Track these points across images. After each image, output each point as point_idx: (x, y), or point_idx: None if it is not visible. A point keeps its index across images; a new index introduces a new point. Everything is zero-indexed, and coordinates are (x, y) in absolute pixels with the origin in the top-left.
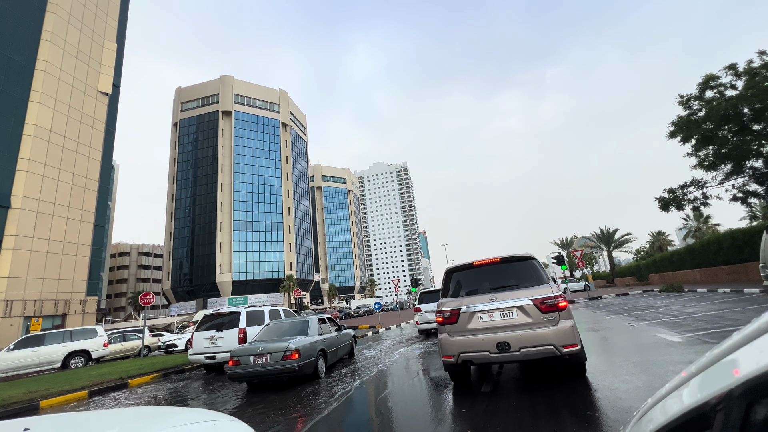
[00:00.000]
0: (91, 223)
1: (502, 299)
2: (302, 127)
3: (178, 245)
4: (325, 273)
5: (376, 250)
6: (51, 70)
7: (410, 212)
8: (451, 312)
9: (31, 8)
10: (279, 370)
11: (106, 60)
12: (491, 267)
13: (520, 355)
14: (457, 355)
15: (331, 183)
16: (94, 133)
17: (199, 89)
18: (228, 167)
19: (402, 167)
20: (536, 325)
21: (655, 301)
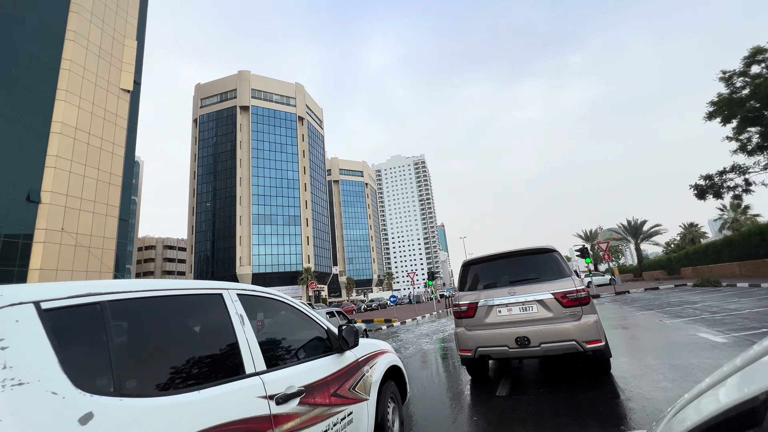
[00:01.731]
0: (116, 217)
1: (522, 293)
2: (319, 120)
3: (200, 239)
4: (342, 266)
5: (394, 243)
6: (75, 68)
7: (428, 205)
8: (468, 305)
9: (56, 9)
10: None
11: (127, 57)
12: (510, 260)
13: (540, 351)
14: (474, 350)
15: (348, 176)
16: (117, 129)
17: (217, 85)
18: (246, 162)
19: (419, 160)
20: (557, 319)
21: (690, 297)
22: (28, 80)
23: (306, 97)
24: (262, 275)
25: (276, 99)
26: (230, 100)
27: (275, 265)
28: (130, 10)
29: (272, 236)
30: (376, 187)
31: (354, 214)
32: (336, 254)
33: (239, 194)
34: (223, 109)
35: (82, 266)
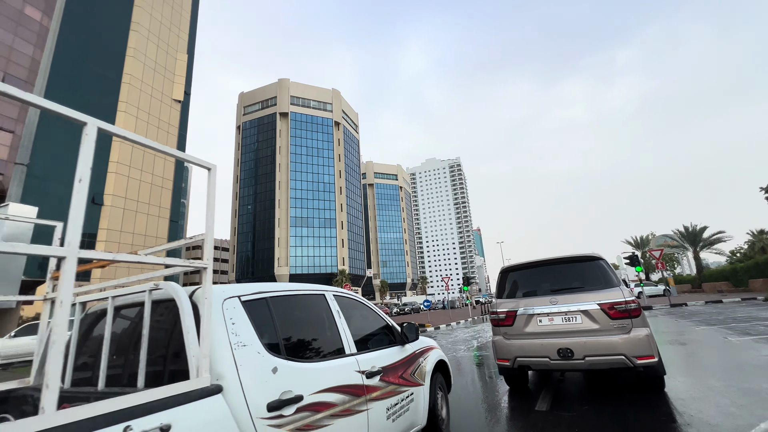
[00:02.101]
0: (167, 218)
1: (564, 302)
2: (354, 125)
3: (241, 240)
4: (376, 269)
5: (428, 247)
6: (134, 82)
7: (464, 209)
8: (507, 314)
9: (119, 28)
10: None
11: (179, 70)
12: (552, 267)
13: (584, 364)
14: (513, 360)
15: (383, 180)
16: (168, 137)
17: (259, 93)
18: (285, 166)
19: (455, 162)
20: (604, 332)
21: (761, 312)
22: (96, 94)
23: (342, 103)
24: (299, 276)
25: (313, 105)
26: (270, 107)
27: (311, 266)
28: (182, 26)
29: (309, 238)
30: (410, 191)
31: (388, 217)
32: (370, 257)
33: (278, 197)
34: (264, 116)
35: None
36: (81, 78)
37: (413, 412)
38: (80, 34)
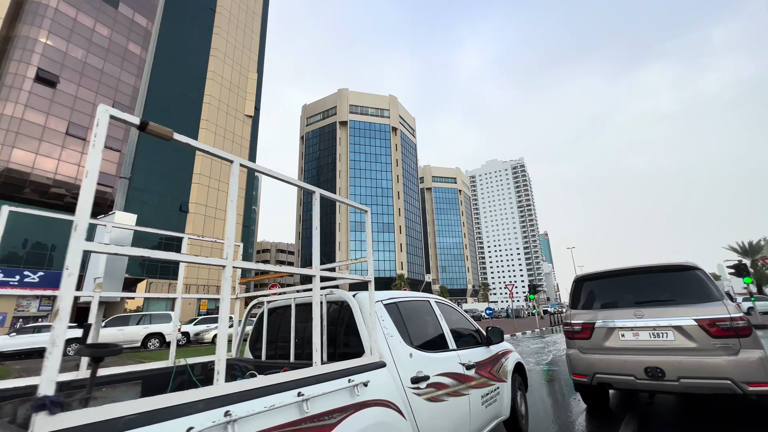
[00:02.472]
0: (240, 224)
1: (652, 316)
2: (411, 129)
3: (305, 244)
4: (435, 274)
5: (490, 252)
6: (212, 101)
7: (528, 212)
8: (583, 326)
9: (200, 54)
10: None
11: (250, 88)
12: (636, 277)
13: (678, 386)
14: (591, 376)
15: (441, 183)
16: (241, 150)
17: (319, 104)
18: (345, 173)
19: (518, 163)
20: (703, 351)
21: None
22: (182, 114)
23: (399, 108)
24: None
25: (371, 112)
26: (331, 117)
27: None
28: (252, 48)
29: None
30: (470, 194)
31: (447, 221)
32: (429, 262)
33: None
34: (324, 126)
35: None
36: (171, 100)
37: (499, 403)
38: (170, 63)
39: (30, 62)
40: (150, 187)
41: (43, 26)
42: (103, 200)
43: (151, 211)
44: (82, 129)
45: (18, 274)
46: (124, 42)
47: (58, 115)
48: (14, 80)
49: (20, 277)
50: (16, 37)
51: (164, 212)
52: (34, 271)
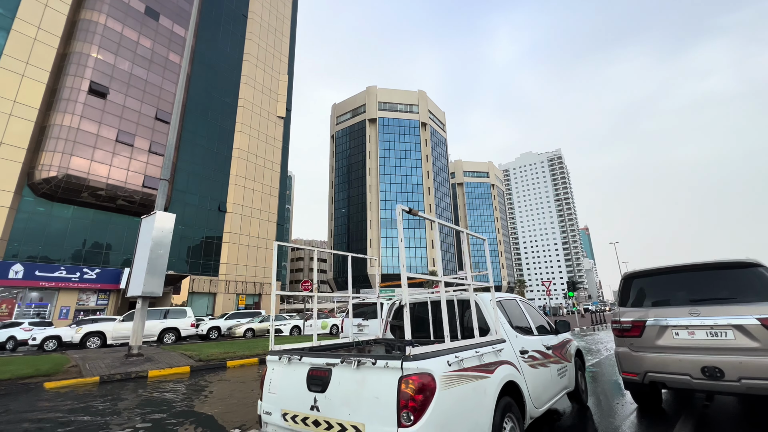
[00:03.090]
0: (275, 222)
1: (709, 314)
2: (441, 124)
3: (337, 241)
4: (469, 271)
5: (526, 248)
6: (246, 105)
7: (567, 205)
8: (633, 323)
9: (233, 59)
10: None
11: (281, 90)
12: (690, 274)
13: (740, 387)
14: (642, 374)
15: (473, 178)
16: (275, 150)
17: (349, 103)
18: (375, 170)
19: (555, 155)
20: (767, 352)
21: None
22: (219, 118)
23: (428, 103)
24: (390, 276)
25: (400, 108)
26: (360, 115)
27: None
28: (283, 50)
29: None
30: (503, 188)
31: (479, 216)
32: (462, 258)
33: (369, 200)
34: (354, 124)
35: (252, 262)
36: (208, 106)
37: (567, 378)
38: (206, 70)
39: (84, 76)
40: (191, 189)
41: (94, 42)
42: (150, 202)
43: (193, 211)
44: (130, 136)
45: (78, 271)
46: (165, 52)
47: (109, 124)
48: (70, 93)
49: (80, 274)
50: (71, 54)
51: (204, 212)
52: (92, 268)
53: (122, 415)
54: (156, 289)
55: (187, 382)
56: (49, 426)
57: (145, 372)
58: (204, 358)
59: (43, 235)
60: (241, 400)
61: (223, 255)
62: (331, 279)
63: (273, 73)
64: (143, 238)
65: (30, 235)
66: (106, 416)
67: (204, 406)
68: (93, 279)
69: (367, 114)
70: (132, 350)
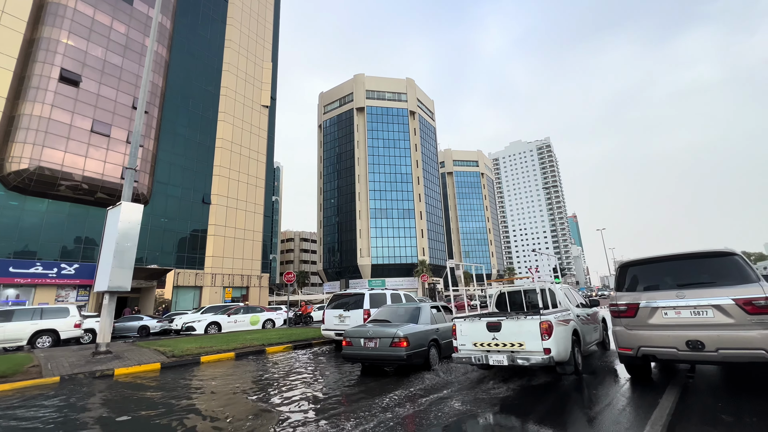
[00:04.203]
0: (261, 214)
1: (693, 296)
2: (430, 112)
3: (326, 232)
4: (459, 259)
5: (516, 236)
6: (229, 93)
7: (555, 194)
8: (628, 306)
9: (215, 47)
10: (386, 356)
11: (265, 78)
12: (676, 262)
13: (717, 357)
14: (636, 349)
15: (463, 167)
16: (260, 140)
17: (336, 91)
18: (363, 159)
19: (543, 144)
20: (740, 326)
21: None
22: (200, 107)
23: (417, 91)
24: (381, 266)
25: (388, 97)
26: (348, 103)
27: (392, 257)
28: (266, 37)
29: (388, 229)
30: (493, 177)
31: (469, 206)
32: (452, 247)
33: (358, 190)
34: (342, 113)
35: (239, 254)
36: (189, 94)
37: (598, 333)
38: (185, 57)
39: (54, 63)
40: (173, 180)
41: (64, 27)
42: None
43: (175, 204)
44: (106, 126)
45: (56, 267)
46: (141, 38)
47: (83, 114)
48: (40, 81)
49: (58, 270)
50: (39, 39)
51: (188, 204)
52: (71, 263)
53: (67, 422)
54: (123, 283)
55: (157, 380)
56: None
57: (111, 370)
58: (178, 354)
59: (17, 230)
60: (224, 396)
61: (209, 248)
62: (321, 270)
63: (256, 60)
64: (109, 230)
65: (2, 231)
66: (48, 423)
67: (175, 406)
68: (72, 275)
69: (355, 103)
70: (99, 347)
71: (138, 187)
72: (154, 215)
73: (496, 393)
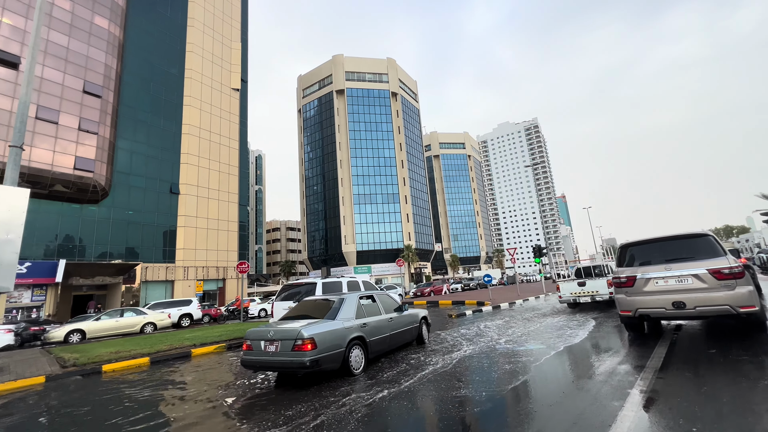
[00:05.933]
0: (236, 203)
1: (677, 269)
2: (413, 94)
3: (310, 220)
4: (447, 243)
5: (505, 217)
6: (195, 76)
7: (544, 175)
8: (628, 278)
9: (177, 27)
10: (287, 363)
11: (234, 59)
12: (664, 242)
13: (694, 312)
14: (634, 310)
15: (449, 150)
16: (231, 125)
17: (315, 74)
18: (345, 144)
19: (531, 125)
20: (711, 289)
21: None
22: (163, 91)
23: (398, 72)
24: (366, 253)
25: (369, 78)
26: (327, 86)
27: (377, 242)
28: (234, 15)
29: (373, 215)
30: (480, 159)
31: (457, 189)
32: (440, 231)
33: (340, 176)
34: (322, 96)
35: (213, 246)
36: (149, 77)
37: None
38: (142, 36)
39: None
40: (135, 170)
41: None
42: (85, 185)
43: (140, 195)
44: (53, 112)
45: None
46: (89, 15)
47: None
48: None
49: None
50: None
51: (153, 195)
52: (22, 261)
53: None
54: (5, 283)
55: (33, 397)
56: None
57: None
58: (80, 362)
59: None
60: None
61: (180, 240)
62: (306, 259)
63: (224, 40)
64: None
65: None
66: None
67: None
68: (23, 273)
69: (335, 85)
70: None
71: (94, 178)
72: (116, 207)
73: (457, 394)
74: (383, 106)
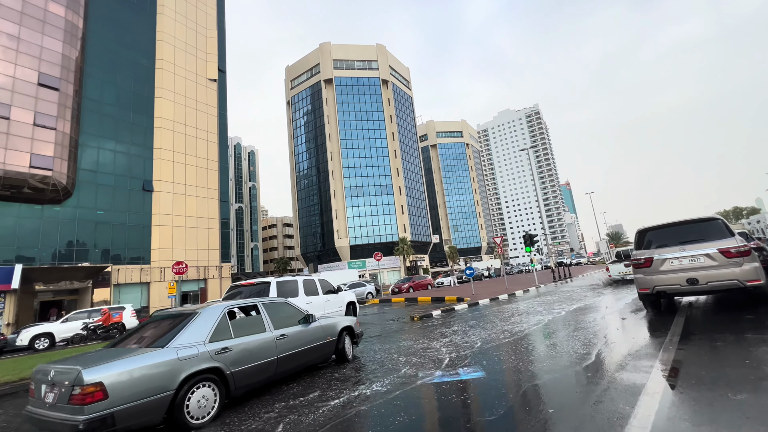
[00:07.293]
0: (217, 199)
1: (690, 249)
2: (405, 81)
3: (303, 215)
4: (447, 234)
5: (508, 207)
6: (167, 66)
7: (546, 162)
8: (645, 259)
9: (145, 14)
10: (57, 426)
11: (210, 48)
12: (678, 227)
13: (707, 287)
14: (652, 288)
15: (447, 138)
16: (208, 118)
17: (303, 63)
18: (335, 135)
19: (532, 111)
20: (721, 266)
21: None
22: (132, 83)
23: (389, 58)
24: (360, 247)
25: (357, 65)
26: (315, 75)
27: (371, 236)
28: (209, 2)
29: (366, 207)
30: (479, 147)
31: (456, 178)
32: (439, 222)
33: (331, 169)
34: (309, 86)
35: (192, 245)
36: (116, 69)
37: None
38: (106, 24)
39: None
40: (103, 167)
41: None
42: (44, 184)
43: (109, 193)
44: (4, 107)
45: None
46: (43, 2)
47: None
48: None
49: None
50: None
51: (124, 193)
52: None
53: None
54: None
55: None
56: None
57: None
58: None
59: None
60: None
61: (155, 239)
62: (300, 255)
63: (198, 28)
64: None
65: None
66: None
67: None
68: None
69: (323, 74)
70: None
71: (54, 177)
72: (82, 207)
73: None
74: (374, 95)
